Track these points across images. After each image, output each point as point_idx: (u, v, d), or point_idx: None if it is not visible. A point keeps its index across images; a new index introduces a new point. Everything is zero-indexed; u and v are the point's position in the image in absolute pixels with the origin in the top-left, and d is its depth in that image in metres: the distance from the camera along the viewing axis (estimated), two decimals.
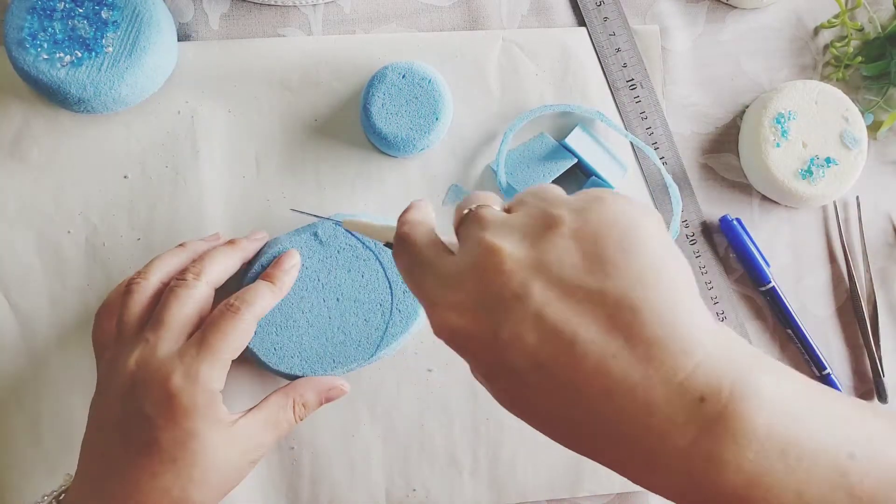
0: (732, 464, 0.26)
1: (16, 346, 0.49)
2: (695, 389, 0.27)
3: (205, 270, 0.44)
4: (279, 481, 0.50)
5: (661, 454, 0.27)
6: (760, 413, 0.26)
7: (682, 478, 0.27)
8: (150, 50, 0.47)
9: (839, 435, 0.27)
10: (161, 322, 0.41)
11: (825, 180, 0.51)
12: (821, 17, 0.54)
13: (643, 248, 0.28)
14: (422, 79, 0.49)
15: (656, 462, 0.27)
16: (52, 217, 0.50)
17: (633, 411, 0.27)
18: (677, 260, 0.29)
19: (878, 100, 0.54)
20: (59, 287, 0.50)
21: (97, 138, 0.50)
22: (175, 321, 0.41)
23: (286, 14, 0.52)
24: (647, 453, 0.27)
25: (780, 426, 0.26)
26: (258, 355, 0.47)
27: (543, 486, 0.51)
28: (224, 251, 0.46)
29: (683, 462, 0.27)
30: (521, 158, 0.51)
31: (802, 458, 0.26)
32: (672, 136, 0.53)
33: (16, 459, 0.49)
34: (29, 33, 0.46)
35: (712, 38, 0.54)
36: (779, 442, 0.26)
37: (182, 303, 0.42)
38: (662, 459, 0.27)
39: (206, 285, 0.43)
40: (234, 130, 0.51)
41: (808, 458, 0.26)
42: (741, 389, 0.27)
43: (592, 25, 0.52)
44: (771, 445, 0.26)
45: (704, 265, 0.53)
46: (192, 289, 0.42)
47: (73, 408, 0.49)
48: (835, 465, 0.26)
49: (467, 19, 0.52)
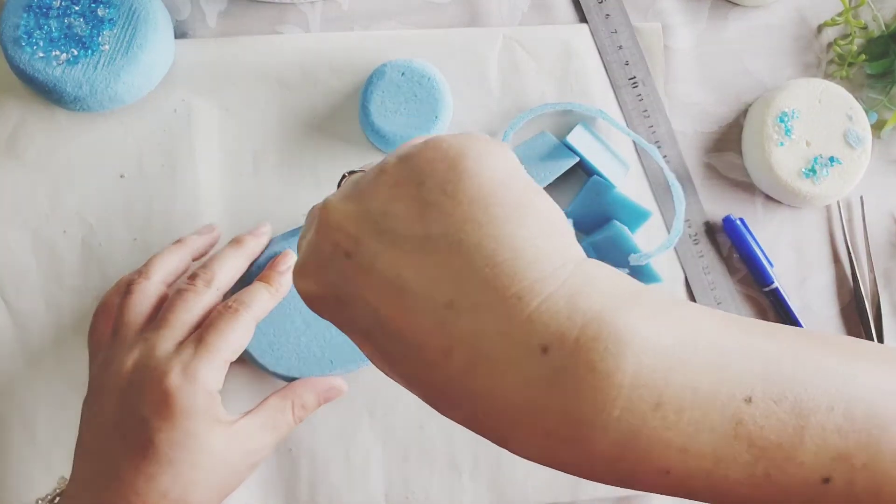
0: (595, 424, 0.22)
1: (11, 346, 0.49)
2: (535, 339, 0.23)
3: (216, 277, 0.43)
4: (277, 484, 0.50)
5: (520, 415, 0.23)
6: (623, 360, 0.22)
7: (550, 442, 0.23)
8: (146, 48, 0.47)
9: (733, 376, 0.23)
10: (165, 323, 0.41)
11: (829, 179, 0.51)
12: (824, 15, 0.54)
13: (468, 185, 0.25)
14: (421, 76, 0.49)
15: (519, 424, 0.23)
16: (48, 216, 0.49)
17: (480, 370, 0.23)
18: (517, 190, 0.25)
19: (882, 98, 0.53)
20: (55, 287, 0.49)
21: (93, 137, 0.50)
22: (179, 324, 0.41)
23: (284, 11, 0.51)
24: (506, 415, 0.23)
25: (651, 374, 0.22)
26: (255, 357, 0.47)
27: (544, 489, 0.50)
28: (232, 254, 0.45)
29: (544, 424, 0.23)
30: (522, 157, 0.50)
31: (683, 409, 0.22)
32: (674, 134, 0.52)
33: (11, 460, 0.48)
34: (25, 31, 0.46)
35: (715, 36, 0.53)
36: (651, 393, 0.22)
37: (189, 308, 0.42)
38: (524, 421, 0.23)
39: (216, 292, 0.43)
40: (231, 129, 0.50)
41: (692, 409, 0.22)
42: (595, 332, 0.23)
43: (594, 23, 0.52)
44: (640, 398, 0.22)
45: (707, 265, 0.52)
46: (201, 295, 0.42)
47: (69, 408, 0.49)
48: (728, 413, 0.22)
49: (467, 16, 0.52)
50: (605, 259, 0.50)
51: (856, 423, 0.23)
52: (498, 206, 0.25)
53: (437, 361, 0.24)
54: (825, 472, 0.22)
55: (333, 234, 0.26)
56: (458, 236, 0.24)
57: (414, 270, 0.24)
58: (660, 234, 0.52)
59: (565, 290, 0.23)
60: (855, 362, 0.24)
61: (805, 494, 0.23)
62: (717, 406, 0.23)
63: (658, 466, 0.23)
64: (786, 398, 0.23)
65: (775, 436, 0.22)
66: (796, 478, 0.23)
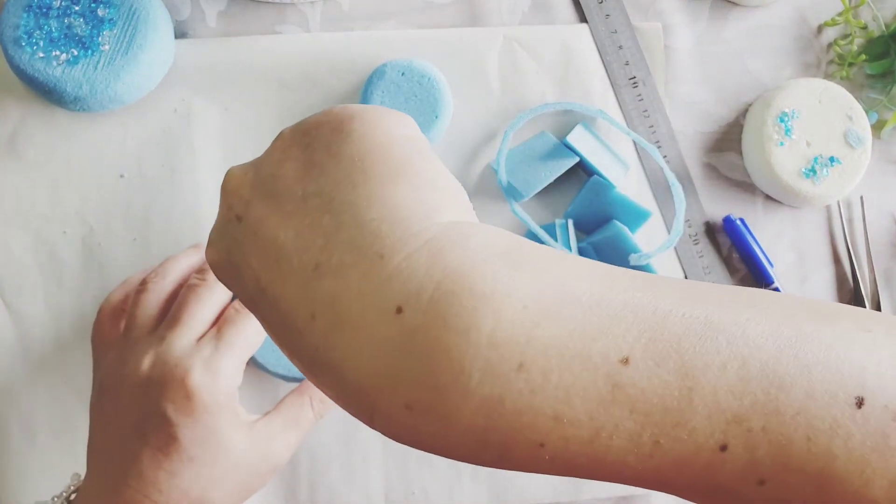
0: (455, 390, 0.20)
1: (10, 345, 0.49)
2: (390, 299, 0.21)
3: None
4: (277, 484, 0.49)
5: (378, 385, 0.21)
6: (479, 316, 0.20)
7: (412, 416, 0.21)
8: (146, 48, 0.47)
9: (610, 335, 0.21)
10: (179, 320, 0.41)
11: (829, 179, 0.51)
12: (824, 15, 0.54)
13: (350, 146, 0.24)
14: (421, 76, 0.49)
15: (379, 395, 0.21)
16: (48, 217, 0.49)
17: (338, 335, 0.22)
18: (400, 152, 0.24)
19: (883, 98, 0.53)
20: (54, 287, 0.49)
21: (93, 137, 0.50)
22: (194, 320, 0.41)
23: (284, 11, 0.51)
24: (365, 386, 0.21)
25: (511, 332, 0.20)
26: (255, 357, 0.47)
27: (544, 489, 0.50)
28: None
29: (403, 394, 0.21)
30: (522, 157, 0.50)
31: (549, 370, 0.20)
32: (674, 134, 0.52)
33: (11, 461, 0.48)
34: (25, 31, 0.46)
35: (715, 36, 0.53)
36: (512, 352, 0.20)
37: (202, 303, 0.41)
38: (383, 391, 0.21)
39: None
40: (231, 129, 0.50)
41: (561, 371, 0.20)
42: (451, 287, 0.21)
43: (594, 22, 0.52)
44: (501, 358, 0.20)
45: (707, 265, 0.52)
46: (213, 290, 0.42)
47: (70, 409, 0.48)
48: (601, 375, 0.20)
49: (467, 16, 0.52)
50: (605, 259, 0.50)
51: (751, 382, 0.20)
52: (377, 166, 0.24)
53: (304, 328, 0.22)
54: (721, 439, 0.20)
55: (229, 198, 0.26)
56: (331, 195, 0.23)
57: (291, 232, 0.23)
58: (660, 234, 0.52)
59: (430, 247, 0.22)
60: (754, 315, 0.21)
61: (703, 465, 0.20)
62: (590, 367, 0.20)
63: (530, 438, 0.21)
64: (669, 358, 0.20)
65: (659, 399, 0.20)
66: (690, 445, 0.20)
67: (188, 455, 0.38)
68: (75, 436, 0.49)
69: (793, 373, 0.20)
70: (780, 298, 0.22)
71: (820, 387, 0.20)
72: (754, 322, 0.21)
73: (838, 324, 0.21)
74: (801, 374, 0.20)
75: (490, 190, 0.51)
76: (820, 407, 0.20)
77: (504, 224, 0.51)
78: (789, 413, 0.20)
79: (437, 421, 0.21)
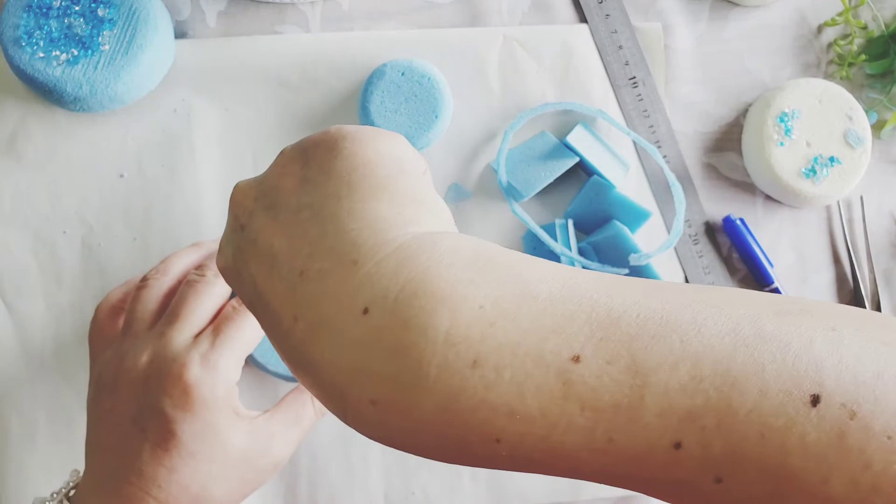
0: (416, 386, 0.21)
1: (10, 345, 0.49)
2: (360, 300, 0.22)
3: None
4: (276, 483, 0.49)
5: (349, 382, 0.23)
6: (436, 315, 0.21)
7: (379, 411, 0.22)
8: (146, 48, 0.47)
9: (563, 333, 0.21)
10: (177, 316, 0.41)
11: (829, 179, 0.51)
12: (824, 15, 0.54)
13: (341, 163, 0.26)
14: (421, 76, 0.49)
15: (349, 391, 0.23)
16: (48, 217, 0.49)
17: (316, 335, 0.23)
18: (386, 170, 0.26)
19: (883, 98, 0.53)
20: (54, 287, 0.49)
21: (93, 137, 0.50)
22: (192, 316, 0.41)
23: (284, 11, 0.51)
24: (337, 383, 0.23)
25: (467, 330, 0.21)
26: (255, 356, 0.47)
27: (544, 489, 0.50)
28: None
29: (370, 390, 0.22)
30: (522, 157, 0.50)
31: (503, 367, 0.21)
32: (674, 134, 0.52)
33: (11, 460, 0.48)
34: (25, 31, 0.46)
35: (715, 36, 0.53)
36: (467, 350, 0.21)
37: (200, 298, 0.42)
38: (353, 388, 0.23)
39: (225, 282, 0.43)
40: (230, 129, 0.50)
41: (514, 367, 0.21)
42: (414, 290, 0.22)
43: (594, 22, 0.52)
44: (456, 355, 0.21)
45: (707, 265, 0.52)
46: (211, 285, 0.42)
47: (69, 408, 0.48)
48: (553, 372, 0.21)
49: (467, 16, 0.52)
50: (605, 259, 0.50)
51: (703, 381, 0.20)
52: (362, 181, 0.25)
53: (289, 329, 0.24)
54: (675, 436, 0.20)
55: (235, 208, 0.28)
56: (320, 207, 0.25)
57: (284, 240, 0.25)
58: (660, 234, 0.52)
59: (399, 253, 0.23)
60: (713, 314, 0.21)
61: (659, 462, 0.21)
62: (542, 364, 0.21)
63: (486, 433, 0.21)
64: (621, 357, 0.21)
65: (610, 396, 0.21)
66: (643, 442, 0.21)
67: (187, 450, 0.38)
68: (75, 435, 0.49)
69: (746, 371, 0.20)
70: (750, 298, 0.23)
71: (774, 384, 0.20)
72: (712, 321, 0.21)
73: (802, 322, 0.21)
74: (755, 372, 0.20)
75: (490, 190, 0.51)
76: (774, 405, 0.20)
77: (504, 224, 0.51)
78: (742, 411, 0.20)
79: (399, 416, 0.22)
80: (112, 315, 0.44)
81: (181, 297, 0.42)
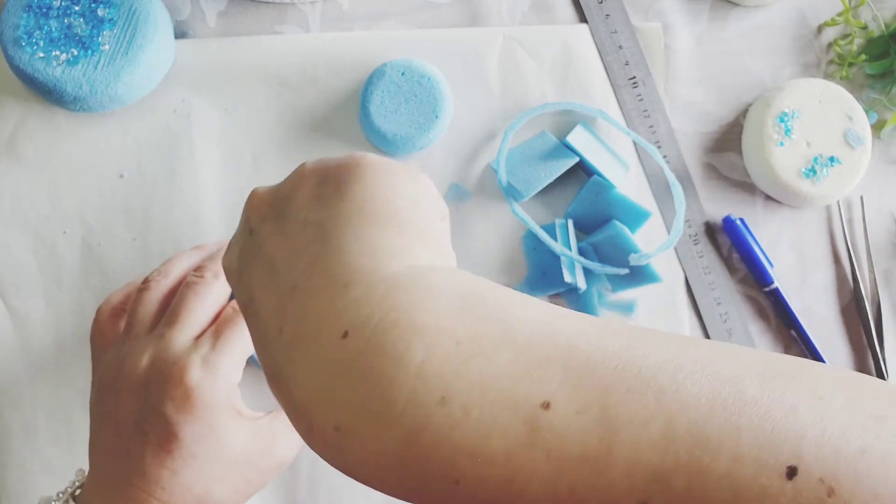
0: (381, 417, 0.21)
1: (10, 345, 0.49)
2: (342, 323, 0.22)
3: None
4: (276, 483, 0.49)
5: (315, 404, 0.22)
6: (411, 348, 0.21)
7: (340, 437, 0.22)
8: (146, 48, 0.47)
9: (535, 378, 0.21)
10: (177, 317, 0.41)
11: (829, 180, 0.51)
12: (824, 15, 0.54)
13: (357, 189, 0.26)
14: (421, 76, 0.49)
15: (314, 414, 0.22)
16: (48, 217, 0.49)
17: (292, 351, 0.23)
18: (398, 204, 0.26)
19: (883, 98, 0.53)
20: (54, 288, 0.49)
21: (93, 137, 0.50)
22: (192, 317, 0.41)
23: (284, 11, 0.51)
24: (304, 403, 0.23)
25: (440, 366, 0.21)
26: (255, 357, 0.46)
27: None
28: None
29: (335, 415, 0.22)
30: (522, 157, 0.50)
31: (471, 406, 0.20)
32: (674, 134, 0.52)
33: (12, 461, 0.48)
34: (25, 31, 0.46)
35: (715, 36, 0.53)
36: (437, 385, 0.21)
37: (200, 299, 0.42)
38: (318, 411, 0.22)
39: (225, 283, 0.43)
40: (230, 129, 0.50)
41: (482, 408, 0.20)
42: (394, 320, 0.22)
43: (594, 22, 0.52)
44: (426, 390, 0.21)
45: (707, 265, 0.52)
46: (211, 287, 0.42)
47: (70, 409, 0.48)
48: (521, 417, 0.20)
49: (467, 16, 0.52)
50: (605, 259, 0.50)
51: (675, 441, 0.19)
52: (375, 210, 0.26)
53: (272, 340, 0.24)
54: (641, 495, 0.19)
55: (248, 212, 0.29)
56: (326, 227, 0.25)
57: (284, 252, 0.26)
58: (660, 234, 0.52)
59: (388, 282, 0.23)
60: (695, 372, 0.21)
61: None
62: (511, 407, 0.20)
63: (446, 473, 0.21)
64: (593, 407, 0.20)
65: (578, 447, 0.20)
66: (607, 496, 0.20)
67: (189, 452, 0.38)
68: (76, 435, 0.49)
69: (721, 435, 0.19)
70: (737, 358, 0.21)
71: (748, 452, 0.19)
72: (692, 380, 0.20)
73: (788, 387, 0.20)
74: (729, 438, 0.19)
75: (490, 190, 0.51)
76: (747, 474, 0.19)
77: (504, 224, 0.51)
78: (714, 476, 0.19)
79: (361, 445, 0.22)
80: (113, 317, 0.44)
81: (180, 299, 0.42)
